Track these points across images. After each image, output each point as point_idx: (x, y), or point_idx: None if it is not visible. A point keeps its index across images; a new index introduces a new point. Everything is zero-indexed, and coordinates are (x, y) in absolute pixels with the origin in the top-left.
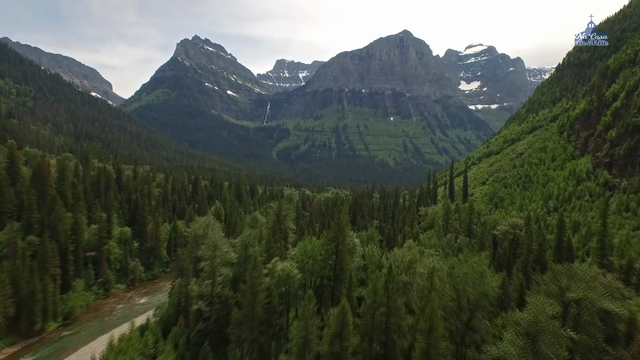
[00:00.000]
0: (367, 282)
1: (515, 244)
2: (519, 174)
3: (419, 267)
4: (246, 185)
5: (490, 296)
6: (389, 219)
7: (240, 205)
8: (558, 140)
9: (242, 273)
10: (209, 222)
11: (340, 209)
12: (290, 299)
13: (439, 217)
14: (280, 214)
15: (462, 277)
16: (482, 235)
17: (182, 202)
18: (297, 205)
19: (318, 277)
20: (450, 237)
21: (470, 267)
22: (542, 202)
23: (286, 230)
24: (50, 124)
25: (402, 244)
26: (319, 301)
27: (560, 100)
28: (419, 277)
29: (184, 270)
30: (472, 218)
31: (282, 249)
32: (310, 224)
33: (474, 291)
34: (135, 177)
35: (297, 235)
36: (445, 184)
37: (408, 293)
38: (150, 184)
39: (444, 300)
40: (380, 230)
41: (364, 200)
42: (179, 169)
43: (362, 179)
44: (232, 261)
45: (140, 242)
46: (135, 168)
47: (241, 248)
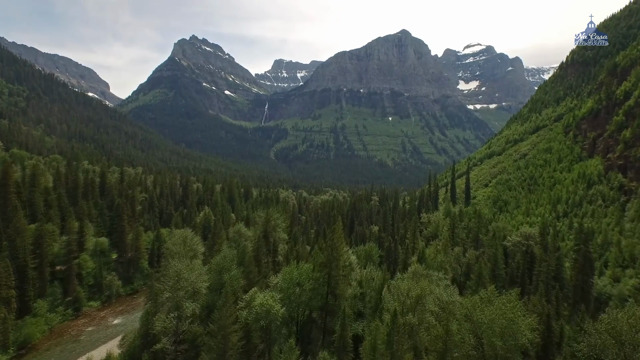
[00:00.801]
0: (364, 313)
1: (530, 257)
2: (523, 176)
3: (429, 303)
4: (239, 188)
5: (524, 346)
6: (388, 226)
7: (233, 209)
8: (564, 140)
9: (216, 303)
10: (187, 236)
11: (334, 220)
12: (272, 336)
13: (443, 225)
14: (268, 226)
15: (488, 324)
16: (492, 248)
17: (169, 207)
18: (293, 209)
19: (306, 308)
20: (458, 252)
21: (497, 311)
22: (550, 206)
23: (276, 243)
24: (42, 124)
25: (405, 262)
26: (306, 339)
27: (564, 99)
28: (430, 315)
29: (157, 292)
30: (480, 227)
31: (267, 267)
32: (305, 230)
33: (503, 344)
34: (122, 181)
35: (289, 244)
36: (447, 185)
37: (416, 335)
38: (134, 189)
39: (463, 348)
40: (380, 243)
41: (362, 205)
42: (173, 170)
43: (360, 180)
44: (202, 291)
45: (119, 253)
46: (122, 171)
47: (215, 274)
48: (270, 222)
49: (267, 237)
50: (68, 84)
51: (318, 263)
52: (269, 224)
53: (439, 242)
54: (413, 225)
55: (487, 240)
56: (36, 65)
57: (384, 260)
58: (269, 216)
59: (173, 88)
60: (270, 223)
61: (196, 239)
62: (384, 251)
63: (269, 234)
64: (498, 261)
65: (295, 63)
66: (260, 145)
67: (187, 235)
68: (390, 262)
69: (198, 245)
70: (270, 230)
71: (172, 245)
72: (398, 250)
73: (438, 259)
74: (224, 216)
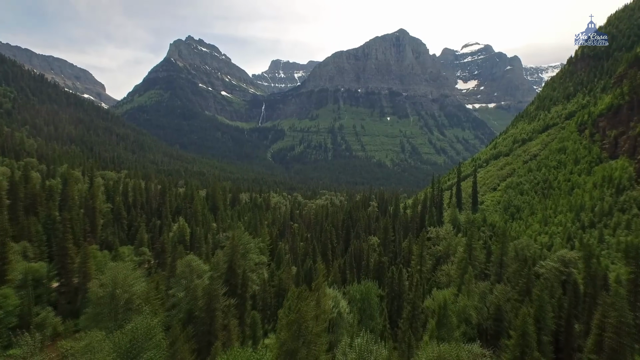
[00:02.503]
0: None
1: (574, 290)
2: (536, 179)
3: None
4: (226, 194)
5: None
6: (389, 242)
7: (216, 218)
8: (578, 139)
9: None
10: (123, 275)
11: (327, 234)
12: None
13: (457, 243)
14: (235, 256)
15: None
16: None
17: (140, 218)
18: (285, 216)
19: None
20: (484, 288)
21: None
22: (573, 214)
23: (245, 277)
24: (28, 126)
25: (414, 313)
26: None
27: (574, 96)
28: None
29: None
30: (505, 249)
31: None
32: (293, 247)
33: None
34: (92, 188)
35: (270, 269)
36: (451, 189)
37: None
38: (95, 199)
39: None
40: (380, 272)
41: (360, 214)
42: (163, 173)
43: (358, 181)
44: None
45: (64, 280)
46: (92, 177)
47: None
48: (237, 250)
49: (234, 267)
50: (60, 85)
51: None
52: (236, 252)
53: (453, 267)
54: (420, 246)
55: (513, 265)
56: (30, 66)
57: (385, 301)
58: (235, 242)
59: (169, 89)
60: (237, 251)
61: (134, 275)
62: (386, 287)
63: (235, 265)
64: (544, 307)
65: (293, 63)
66: (256, 147)
67: (125, 273)
68: (393, 307)
69: (137, 282)
70: (236, 261)
71: (108, 280)
72: (403, 286)
73: (460, 304)
74: (205, 227)
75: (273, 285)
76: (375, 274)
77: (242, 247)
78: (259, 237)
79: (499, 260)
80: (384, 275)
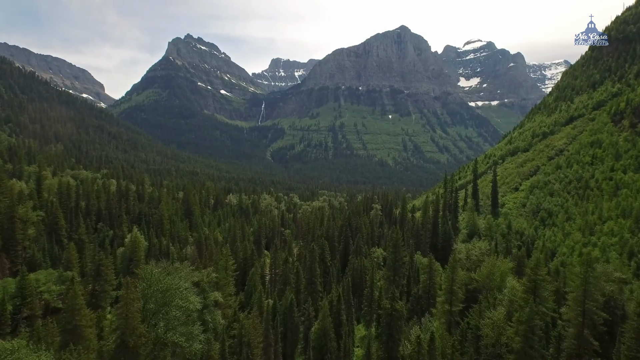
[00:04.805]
0: None
1: None
2: (567, 178)
3: None
4: (209, 196)
5: None
6: (399, 266)
7: (190, 226)
8: (615, 131)
9: None
10: None
11: None
12: None
13: (504, 270)
14: (132, 321)
15: None
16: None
17: (82, 228)
18: (275, 222)
19: None
20: None
21: None
22: (630, 221)
23: None
24: (12, 123)
25: None
26: None
27: (602, 84)
28: None
29: None
30: (562, 284)
31: None
32: (275, 265)
33: None
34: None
35: (229, 317)
36: (464, 188)
37: None
38: (24, 204)
39: None
40: (391, 324)
41: (361, 220)
42: (151, 172)
43: (360, 180)
44: None
45: None
46: (39, 179)
47: None
48: (133, 314)
49: (127, 344)
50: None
51: None
52: (131, 318)
53: (501, 314)
54: (450, 276)
55: (575, 303)
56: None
57: None
58: (131, 298)
59: (167, 88)
60: (136, 315)
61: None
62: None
63: (130, 339)
64: None
65: (293, 62)
66: (256, 146)
67: None
68: None
69: None
70: (135, 329)
71: None
72: None
73: None
74: (172, 238)
75: (232, 336)
76: (386, 320)
77: (160, 296)
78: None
79: (581, 306)
80: (398, 328)
